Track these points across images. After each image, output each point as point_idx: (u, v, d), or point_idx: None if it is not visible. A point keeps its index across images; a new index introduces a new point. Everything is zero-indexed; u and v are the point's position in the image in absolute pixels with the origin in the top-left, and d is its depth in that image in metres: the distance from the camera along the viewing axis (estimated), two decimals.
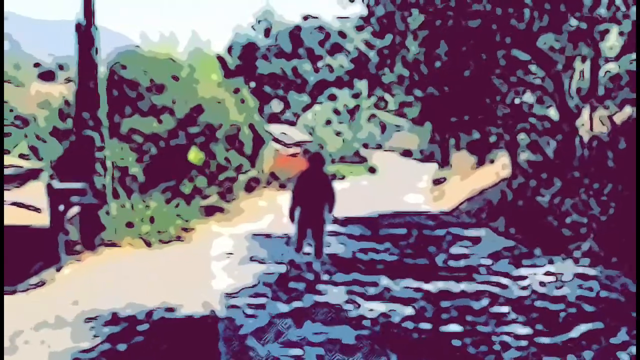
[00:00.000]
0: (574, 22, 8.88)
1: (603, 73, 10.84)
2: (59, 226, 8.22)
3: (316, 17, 72.04)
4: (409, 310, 5.91)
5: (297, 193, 7.44)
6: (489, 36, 9.64)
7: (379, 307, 6.01)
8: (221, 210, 14.08)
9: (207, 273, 7.87)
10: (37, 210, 10.72)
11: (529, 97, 12.07)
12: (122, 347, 4.92)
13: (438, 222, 14.33)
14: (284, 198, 8.14)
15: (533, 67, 11.41)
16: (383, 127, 53.52)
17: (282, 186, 20.96)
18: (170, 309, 5.94)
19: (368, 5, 10.37)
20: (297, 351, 4.72)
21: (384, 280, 7.26)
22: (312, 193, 7.41)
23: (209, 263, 8.62)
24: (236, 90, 17.61)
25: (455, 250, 9.87)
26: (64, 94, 16.67)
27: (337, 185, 8.43)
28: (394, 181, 30.10)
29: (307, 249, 7.87)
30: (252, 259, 8.90)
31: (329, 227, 10.96)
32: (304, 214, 7.42)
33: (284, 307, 6.04)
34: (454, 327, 5.35)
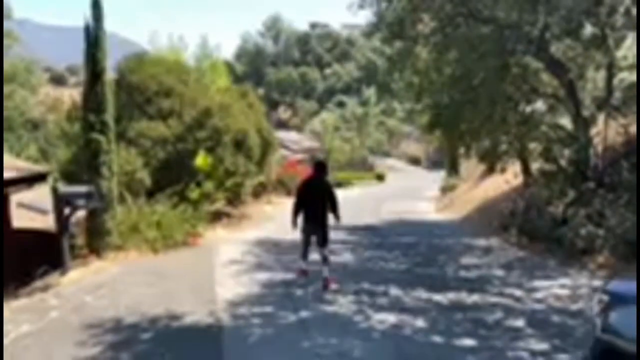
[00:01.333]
0: (589, 29, 8.70)
1: (618, 81, 10.63)
2: (65, 230, 8.13)
3: (325, 25, 72.37)
4: (420, 323, 5.72)
5: (299, 200, 7.45)
6: (502, 43, 9.47)
7: (390, 318, 5.83)
8: (228, 215, 13.97)
9: (213, 280, 7.72)
10: (43, 212, 10.68)
11: (541, 105, 11.86)
12: (125, 356, 4.77)
13: (447, 231, 14.13)
14: (291, 204, 8.07)
15: (546, 75, 11.22)
16: (391, 135, 53.36)
17: (289, 192, 20.85)
18: (175, 317, 5.79)
19: (378, 12, 10.25)
20: None
21: (394, 290, 7.08)
22: (314, 200, 7.38)
23: (215, 270, 8.48)
24: (244, 95, 17.57)
25: (466, 260, 9.67)
26: (74, 98, 16.73)
27: (345, 193, 8.32)
28: (402, 189, 29.93)
29: (314, 255, 7.77)
30: (258, 266, 8.76)
31: (340, 235, 10.93)
32: (307, 220, 7.40)
33: (291, 317, 5.87)
34: (468, 341, 5.15)
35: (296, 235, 7.79)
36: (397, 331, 5.45)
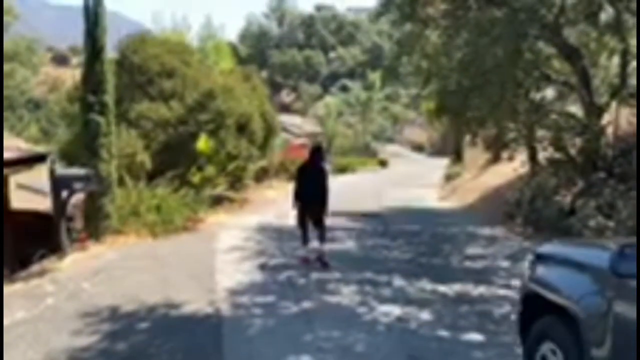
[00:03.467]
0: (606, 13, 8.39)
1: (631, 69, 10.33)
2: (62, 213, 7.97)
3: (330, 7, 71.41)
4: (426, 315, 5.55)
5: (297, 184, 7.54)
6: (514, 27, 9.15)
7: (394, 310, 5.66)
8: (230, 200, 13.80)
9: (213, 267, 7.57)
10: (43, 194, 10.51)
11: (551, 92, 11.58)
12: (121, 346, 4.62)
13: (451, 220, 13.93)
14: (292, 189, 8.07)
15: (558, 61, 10.92)
16: (395, 121, 52.95)
17: (292, 177, 20.65)
18: (174, 306, 5.64)
19: None
20: (306, 358, 4.39)
21: (398, 281, 6.91)
22: (309, 184, 7.43)
23: (216, 256, 8.32)
24: (248, 78, 17.27)
25: (471, 250, 9.49)
26: (75, 78, 16.44)
27: (347, 178, 8.21)
28: (405, 176, 29.67)
29: (315, 243, 7.74)
30: (260, 253, 8.61)
31: (342, 222, 10.82)
32: (303, 205, 7.45)
33: (293, 307, 5.71)
34: (475, 336, 4.99)
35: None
36: (402, 324, 5.28)
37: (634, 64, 10.30)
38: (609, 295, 2.70)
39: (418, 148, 53.77)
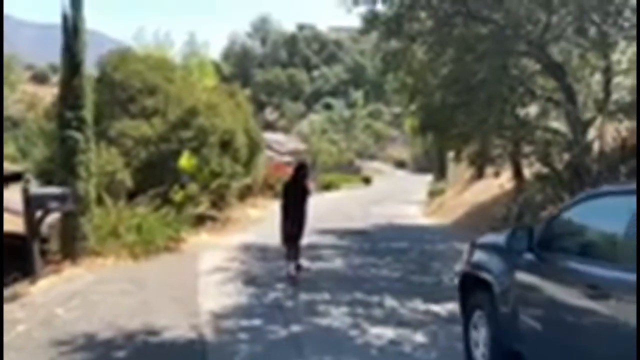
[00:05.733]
0: (594, 29, 8.42)
1: (614, 86, 10.40)
2: (35, 234, 7.58)
3: (312, 27, 72.09)
4: (419, 337, 5.32)
5: (284, 201, 7.65)
6: (500, 43, 9.14)
7: (387, 332, 5.42)
8: (213, 219, 13.45)
9: (196, 289, 7.24)
10: (17, 214, 10.07)
11: (537, 108, 11.59)
12: None
13: (438, 236, 13.80)
14: (277, 208, 8.02)
15: (542, 77, 10.95)
16: (378, 138, 53.20)
17: (276, 195, 20.34)
18: (154, 332, 5.30)
19: (373, 8, 9.87)
20: None
21: (389, 301, 6.69)
22: (290, 200, 7.54)
23: (199, 277, 7.99)
24: (232, 95, 17.08)
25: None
26: (54, 95, 16.04)
27: (331, 195, 8.18)
28: (389, 192, 29.62)
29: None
30: (244, 273, 8.31)
31: (329, 240, 10.63)
32: (287, 222, 7.53)
33: (281, 332, 5.43)
34: None
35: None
36: (396, 347, 5.05)
37: (616, 79, 10.38)
38: (510, 267, 3.69)
39: (401, 165, 54.02)
